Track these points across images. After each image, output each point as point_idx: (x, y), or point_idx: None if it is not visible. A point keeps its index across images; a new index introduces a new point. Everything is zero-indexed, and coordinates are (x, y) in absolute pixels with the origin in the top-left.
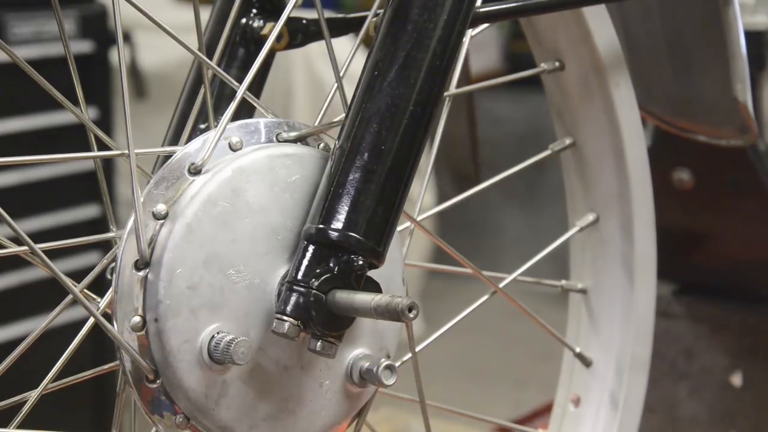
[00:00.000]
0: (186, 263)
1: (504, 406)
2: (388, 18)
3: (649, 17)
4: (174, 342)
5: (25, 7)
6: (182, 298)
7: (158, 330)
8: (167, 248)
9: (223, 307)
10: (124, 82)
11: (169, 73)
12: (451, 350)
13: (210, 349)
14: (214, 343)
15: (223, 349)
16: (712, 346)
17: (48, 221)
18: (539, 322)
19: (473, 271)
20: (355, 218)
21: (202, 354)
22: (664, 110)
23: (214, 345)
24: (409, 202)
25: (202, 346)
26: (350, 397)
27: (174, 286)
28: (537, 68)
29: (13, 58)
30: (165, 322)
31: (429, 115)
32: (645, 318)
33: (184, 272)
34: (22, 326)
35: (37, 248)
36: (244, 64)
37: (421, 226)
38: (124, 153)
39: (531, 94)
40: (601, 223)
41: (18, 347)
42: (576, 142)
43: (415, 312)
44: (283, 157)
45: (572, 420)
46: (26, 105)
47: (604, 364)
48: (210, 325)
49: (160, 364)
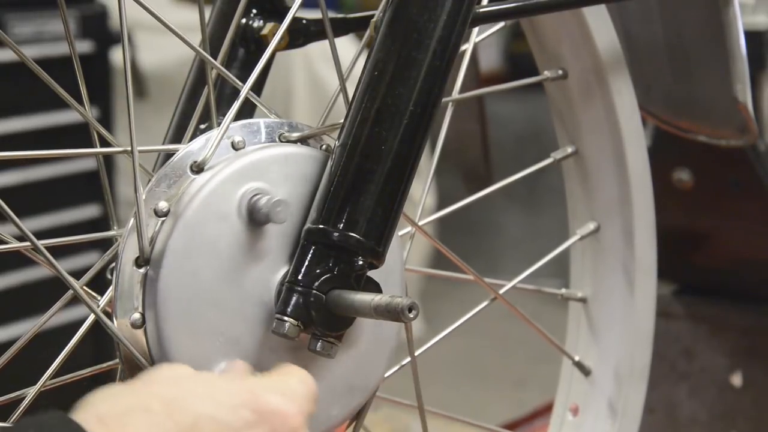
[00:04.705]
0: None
1: (504, 407)
2: (388, 18)
3: (649, 17)
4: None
5: (26, 7)
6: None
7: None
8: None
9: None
10: (128, 79)
11: (168, 72)
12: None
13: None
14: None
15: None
16: (712, 346)
17: (49, 221)
18: (539, 329)
19: (474, 277)
20: (355, 218)
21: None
22: (664, 110)
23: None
24: (411, 204)
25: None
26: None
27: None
28: (540, 76)
29: (19, 55)
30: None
31: (429, 115)
32: (645, 327)
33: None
34: (22, 326)
35: (39, 244)
36: (244, 64)
37: (422, 231)
38: (127, 150)
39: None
40: (601, 232)
41: (17, 342)
42: (578, 150)
43: (415, 312)
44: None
45: (570, 429)
46: (27, 105)
47: (603, 373)
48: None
49: (159, 361)
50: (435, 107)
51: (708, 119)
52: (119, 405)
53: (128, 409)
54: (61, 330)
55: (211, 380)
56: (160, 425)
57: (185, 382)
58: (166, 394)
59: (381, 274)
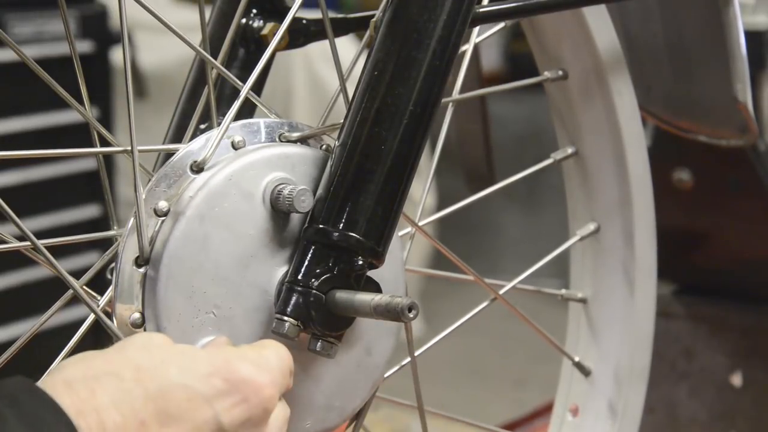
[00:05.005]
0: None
1: (504, 407)
2: (388, 18)
3: (649, 17)
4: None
5: (26, 7)
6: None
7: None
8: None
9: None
10: (128, 79)
11: (168, 72)
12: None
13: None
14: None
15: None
16: (712, 346)
17: (49, 221)
18: (539, 330)
19: (474, 278)
20: (355, 218)
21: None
22: (664, 110)
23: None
24: (411, 204)
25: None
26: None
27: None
28: (540, 76)
29: (20, 55)
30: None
31: (429, 115)
32: (645, 328)
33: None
34: (22, 326)
35: (40, 244)
36: (244, 64)
37: (422, 231)
38: (127, 150)
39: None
40: (602, 233)
41: (17, 342)
42: (578, 151)
43: (415, 312)
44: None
45: (570, 429)
46: (27, 105)
47: (603, 374)
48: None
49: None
50: (435, 107)
51: (708, 119)
52: (89, 370)
53: (97, 374)
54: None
55: (185, 349)
56: (129, 391)
57: (158, 350)
58: (138, 361)
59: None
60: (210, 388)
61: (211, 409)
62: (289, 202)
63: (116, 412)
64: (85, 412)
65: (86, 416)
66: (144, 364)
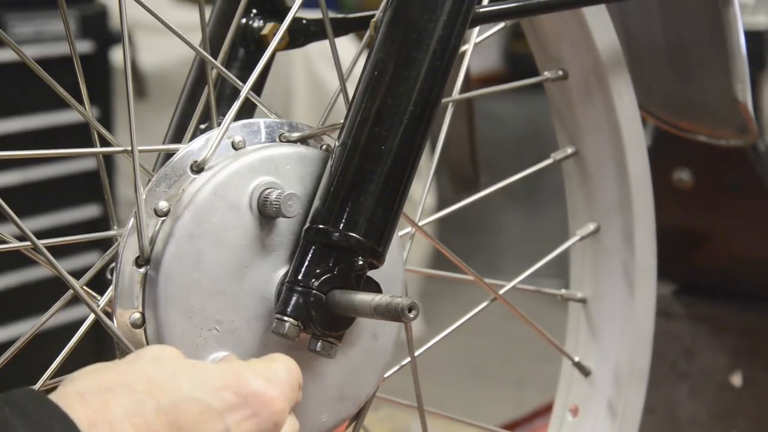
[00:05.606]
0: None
1: (504, 406)
2: (388, 18)
3: (649, 17)
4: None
5: (26, 7)
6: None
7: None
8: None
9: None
10: (128, 79)
11: (168, 73)
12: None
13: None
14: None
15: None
16: (712, 346)
17: (49, 221)
18: (539, 330)
19: (474, 278)
20: (355, 218)
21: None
22: (664, 110)
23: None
24: (411, 204)
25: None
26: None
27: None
28: (540, 77)
29: (20, 54)
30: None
31: (429, 115)
32: (644, 327)
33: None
34: (22, 326)
35: (40, 244)
36: (244, 64)
37: (422, 231)
38: (127, 150)
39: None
40: (601, 233)
41: (17, 342)
42: (578, 151)
43: (415, 312)
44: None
45: (570, 429)
46: (27, 105)
47: (602, 374)
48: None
49: None
50: (435, 107)
51: (708, 119)
52: (102, 382)
53: (111, 386)
54: (61, 330)
55: (196, 362)
56: (142, 404)
57: (170, 363)
58: (150, 374)
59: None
60: (221, 402)
61: (222, 422)
62: (276, 207)
63: (129, 425)
64: (98, 425)
65: (99, 428)
66: (156, 377)
